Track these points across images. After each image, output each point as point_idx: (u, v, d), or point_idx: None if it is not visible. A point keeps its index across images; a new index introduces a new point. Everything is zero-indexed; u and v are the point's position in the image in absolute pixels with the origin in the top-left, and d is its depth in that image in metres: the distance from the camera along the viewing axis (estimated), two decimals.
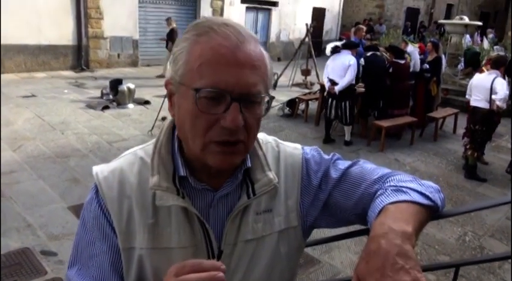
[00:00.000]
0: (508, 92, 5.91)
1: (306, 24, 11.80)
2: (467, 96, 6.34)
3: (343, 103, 6.84)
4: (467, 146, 6.18)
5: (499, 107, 5.78)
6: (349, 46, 6.83)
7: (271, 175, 0.91)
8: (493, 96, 5.77)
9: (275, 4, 16.83)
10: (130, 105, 8.50)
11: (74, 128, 6.91)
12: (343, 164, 0.99)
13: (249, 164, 0.91)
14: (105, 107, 8.22)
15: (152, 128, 6.84)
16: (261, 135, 0.97)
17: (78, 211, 4.20)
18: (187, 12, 14.36)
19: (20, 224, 3.95)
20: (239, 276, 0.90)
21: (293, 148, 1.01)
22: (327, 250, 3.94)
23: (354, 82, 6.82)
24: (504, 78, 6.41)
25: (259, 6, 16.32)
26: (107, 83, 9.19)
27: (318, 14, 18.56)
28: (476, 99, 5.99)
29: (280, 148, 1.00)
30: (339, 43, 6.86)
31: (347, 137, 7.13)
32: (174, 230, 0.86)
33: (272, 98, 0.83)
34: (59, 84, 10.06)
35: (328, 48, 6.80)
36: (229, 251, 0.89)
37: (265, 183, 0.90)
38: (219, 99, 0.76)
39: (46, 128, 6.78)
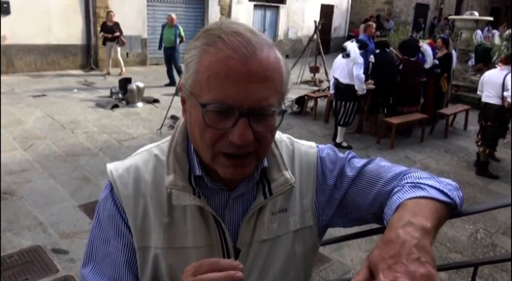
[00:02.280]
0: None
1: (315, 21, 11.76)
2: (478, 93, 6.27)
3: (343, 103, 6.66)
4: (479, 143, 6.12)
5: (510, 104, 5.71)
6: (362, 46, 6.69)
7: (288, 174, 0.90)
8: (505, 93, 5.69)
9: (283, 1, 16.77)
10: (140, 104, 8.53)
11: (83, 127, 6.95)
12: (358, 162, 0.97)
13: (265, 163, 0.89)
14: (115, 106, 8.26)
15: (161, 126, 6.86)
16: (276, 134, 0.95)
17: (89, 209, 4.23)
18: (196, 11, 14.36)
19: (31, 222, 3.98)
20: (254, 276, 0.89)
21: (308, 147, 1.00)
22: (337, 248, 3.93)
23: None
24: None
25: (267, 3, 16.27)
26: (116, 82, 9.23)
27: (326, 11, 18.46)
28: (488, 95, 5.92)
29: (295, 146, 0.99)
30: (350, 45, 6.64)
31: (338, 139, 6.79)
32: (190, 229, 0.86)
33: (284, 111, 0.79)
34: (69, 83, 10.13)
35: (352, 48, 6.49)
36: (245, 251, 0.88)
37: (282, 183, 0.88)
38: (228, 114, 0.74)
39: (56, 127, 6.83)
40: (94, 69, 11.82)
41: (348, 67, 6.45)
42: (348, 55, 6.47)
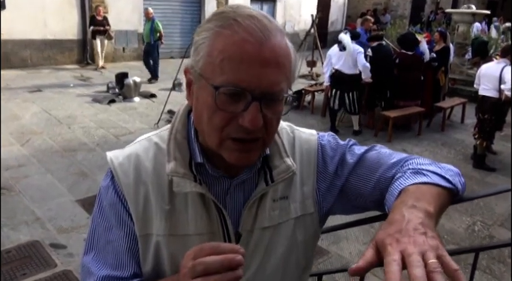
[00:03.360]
0: None
1: (312, 15, 11.71)
2: (475, 86, 6.27)
3: (350, 93, 6.83)
4: (476, 136, 6.13)
5: (508, 97, 5.71)
6: (354, 36, 6.83)
7: (289, 161, 0.89)
8: (502, 86, 5.70)
9: None
10: (136, 99, 8.50)
11: (80, 122, 6.93)
12: (359, 149, 0.97)
13: (267, 151, 0.89)
14: (111, 101, 8.23)
15: (158, 121, 6.85)
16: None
17: (87, 204, 4.23)
18: (192, 5, 14.30)
19: (28, 217, 3.97)
20: (256, 263, 0.89)
21: (309, 134, 1.00)
22: (335, 241, 3.94)
23: (358, 72, 6.78)
24: None
25: None
26: (112, 76, 9.20)
27: (323, 5, 18.40)
28: (485, 88, 5.93)
29: (296, 134, 0.98)
30: (344, 37, 6.72)
31: (355, 126, 7.12)
32: (191, 216, 0.85)
33: (293, 96, 0.80)
34: (65, 78, 10.08)
35: (346, 40, 6.65)
36: (246, 238, 0.88)
37: (284, 170, 0.88)
38: (239, 97, 0.73)
39: (53, 122, 6.80)
40: (90, 64, 11.76)
41: (352, 58, 6.61)
42: (344, 48, 6.59)
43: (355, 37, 6.81)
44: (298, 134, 0.98)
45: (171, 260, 0.86)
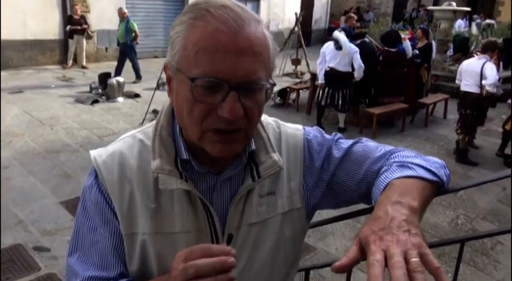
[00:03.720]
0: (497, 77, 5.94)
1: (295, 14, 11.75)
2: (457, 82, 6.36)
3: (340, 91, 6.89)
4: (458, 131, 6.23)
5: (489, 92, 5.81)
6: (349, 35, 6.89)
7: (276, 156, 0.89)
8: (483, 81, 5.79)
9: None
10: (120, 99, 8.42)
11: (63, 123, 6.83)
12: (345, 143, 0.97)
13: (253, 146, 0.88)
14: (95, 101, 8.14)
15: (143, 121, 6.79)
16: (262, 117, 0.94)
17: (70, 206, 4.17)
18: (175, 4, 14.21)
19: (11, 220, 3.90)
20: (244, 259, 0.89)
21: (295, 129, 0.99)
22: (321, 237, 3.96)
23: (351, 70, 6.84)
24: (498, 63, 6.48)
25: None
26: (95, 77, 9.09)
27: (307, 3, 18.46)
28: (467, 84, 6.01)
29: (282, 129, 0.98)
30: (340, 35, 6.76)
31: (341, 124, 7.17)
32: (177, 214, 0.84)
33: (273, 85, 0.79)
34: (47, 79, 9.93)
35: (343, 40, 6.69)
36: (234, 234, 0.87)
37: (270, 165, 0.88)
38: (217, 88, 0.72)
39: (35, 124, 6.69)
40: (73, 64, 11.60)
41: (349, 56, 6.68)
42: (340, 48, 6.64)
43: (348, 36, 6.85)
44: (284, 129, 0.98)
45: (157, 259, 0.85)
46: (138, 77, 10.19)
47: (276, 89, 8.82)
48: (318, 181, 0.95)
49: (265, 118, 0.97)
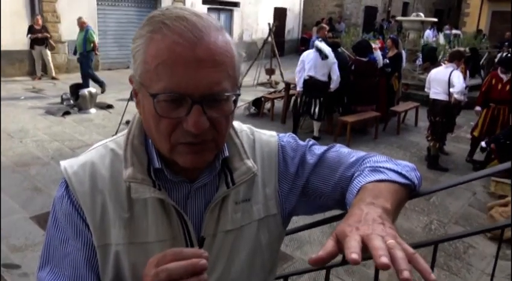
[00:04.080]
0: (464, 85, 6.14)
1: (269, 24, 11.87)
2: (426, 90, 6.54)
3: (317, 99, 6.99)
4: (429, 138, 6.39)
5: (457, 100, 5.99)
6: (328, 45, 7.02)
7: (250, 162, 0.89)
8: (451, 89, 5.97)
9: (237, 5, 16.83)
10: (93, 110, 8.27)
11: (33, 136, 6.65)
12: (319, 149, 0.98)
13: (226, 153, 0.88)
14: (66, 113, 7.97)
15: (116, 132, 6.68)
16: (236, 124, 0.95)
17: (42, 220, 4.05)
18: (148, 14, 14.06)
19: None
20: (220, 267, 0.88)
21: (269, 136, 1.00)
22: (298, 246, 3.97)
23: (328, 79, 6.96)
24: (465, 72, 6.70)
25: (220, 7, 16.29)
26: (66, 88, 8.92)
27: (280, 14, 18.70)
28: (436, 92, 6.19)
29: (256, 135, 0.98)
30: (323, 45, 6.88)
31: (315, 133, 7.23)
32: (151, 223, 0.83)
33: (238, 95, 0.78)
34: (15, 90, 9.68)
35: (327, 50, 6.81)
36: (209, 242, 0.86)
37: (244, 171, 0.87)
38: (180, 102, 0.71)
39: (3, 137, 6.47)
40: (43, 75, 11.35)
41: (328, 66, 6.79)
42: (326, 57, 6.74)
43: (328, 45, 6.99)
44: (259, 136, 0.98)
45: (132, 270, 0.83)
46: (101, 85, 9.80)
47: (250, 98, 8.86)
48: (292, 187, 0.95)
49: (239, 125, 0.97)
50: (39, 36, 10.46)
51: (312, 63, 6.88)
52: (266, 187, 0.94)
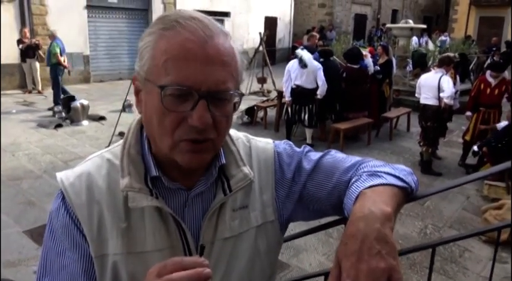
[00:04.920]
0: (454, 90, 6.21)
1: (260, 33, 11.95)
2: (416, 95, 6.60)
3: (307, 106, 7.03)
4: (421, 143, 6.43)
5: (447, 104, 6.05)
6: (311, 52, 7.04)
7: (247, 169, 0.89)
8: (441, 94, 6.03)
9: (227, 14, 16.94)
10: (85, 122, 8.24)
11: (25, 149, 6.61)
12: (315, 155, 0.99)
13: (223, 160, 0.88)
14: (58, 125, 7.94)
15: (109, 144, 6.65)
16: (232, 132, 0.95)
17: (35, 234, 4.01)
18: (140, 26, 14.18)
19: None
20: (219, 275, 0.87)
21: (265, 143, 1.00)
22: (295, 254, 3.96)
23: (316, 86, 6.98)
24: (455, 77, 6.78)
25: (211, 17, 16.33)
26: (60, 103, 8.88)
27: (270, 23, 18.84)
28: (426, 97, 6.25)
29: (252, 143, 0.99)
30: (304, 53, 6.93)
31: (308, 140, 7.26)
32: (149, 232, 0.83)
33: (242, 95, 0.81)
34: (7, 104, 9.60)
35: (308, 58, 6.85)
36: (208, 250, 0.86)
37: (241, 178, 0.88)
38: (186, 97, 0.73)
39: None
40: (34, 88, 11.30)
41: (313, 74, 6.84)
42: (305, 66, 6.80)
43: (311, 53, 7.04)
44: (255, 143, 0.99)
45: (130, 280, 0.83)
46: (55, 102, 9.24)
47: (243, 107, 8.87)
48: (289, 193, 0.96)
49: (234, 133, 0.97)
50: (32, 43, 10.36)
51: (297, 72, 6.96)
52: (263, 193, 0.94)
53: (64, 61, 9.50)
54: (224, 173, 0.88)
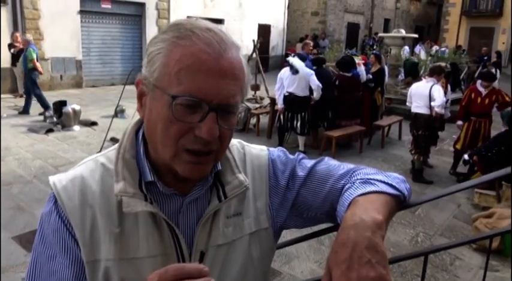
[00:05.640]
0: (445, 99, 6.27)
1: (253, 41, 11.99)
2: (408, 104, 6.65)
3: (299, 114, 7.06)
4: (413, 151, 6.47)
5: (438, 113, 6.11)
6: (302, 60, 7.07)
7: (242, 176, 0.89)
8: (432, 103, 6.09)
9: (221, 22, 16.98)
10: (76, 127, 8.19)
11: (15, 154, 6.54)
12: (309, 163, 0.99)
13: (219, 167, 0.88)
14: (49, 130, 7.87)
15: (101, 149, 6.61)
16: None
17: (24, 240, 3.96)
18: (133, 32, 14.19)
19: None
20: None
21: (259, 150, 1.01)
22: (286, 261, 3.94)
23: (309, 94, 7.02)
24: (446, 86, 6.85)
25: None
26: (50, 105, 8.82)
27: (264, 31, 18.93)
28: (417, 106, 6.30)
29: (246, 150, 0.99)
30: (294, 60, 6.98)
31: (301, 147, 7.27)
32: (142, 238, 0.82)
33: (249, 109, 0.82)
34: None
35: (299, 64, 6.88)
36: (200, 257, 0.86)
37: (237, 185, 0.88)
38: (196, 108, 0.73)
39: None
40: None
41: (305, 80, 6.87)
42: (296, 71, 6.82)
43: (303, 60, 7.07)
44: (249, 150, 0.99)
45: None
46: (25, 111, 9.29)
47: None
48: (283, 200, 0.95)
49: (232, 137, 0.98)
50: (18, 51, 10.29)
51: (289, 80, 6.99)
52: (257, 200, 0.94)
53: (38, 67, 9.37)
54: (219, 180, 0.88)
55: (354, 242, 0.68)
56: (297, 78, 6.90)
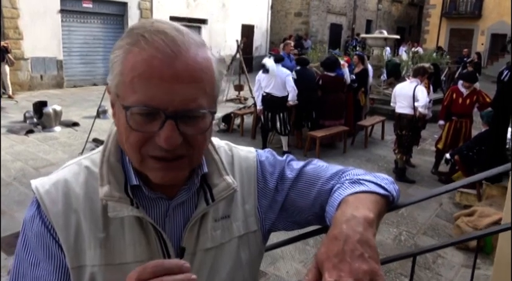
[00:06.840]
0: (428, 99, 6.35)
1: (237, 41, 11.97)
2: (392, 104, 6.72)
3: (280, 114, 7.06)
4: (396, 151, 6.55)
5: (421, 113, 6.19)
6: (278, 60, 7.08)
7: (230, 179, 0.87)
8: (416, 104, 6.17)
9: (204, 22, 16.94)
10: (57, 128, 8.05)
11: None
12: (297, 164, 0.98)
13: (205, 169, 0.86)
14: (29, 131, 7.73)
15: (83, 150, 6.52)
16: (214, 140, 0.94)
17: (4, 244, 3.85)
18: (115, 31, 14.02)
19: None
20: None
21: (247, 152, 0.99)
22: (272, 262, 3.94)
23: (287, 94, 7.02)
24: (429, 87, 6.95)
25: (188, 24, 16.30)
26: (29, 105, 8.66)
27: (247, 31, 18.94)
28: (401, 106, 6.37)
29: (234, 151, 0.97)
30: (267, 60, 7.00)
31: (284, 147, 7.28)
32: (129, 243, 0.80)
33: (214, 113, 0.77)
34: None
35: (270, 64, 6.89)
36: (189, 261, 0.83)
37: (224, 187, 0.86)
38: (153, 116, 0.71)
39: None
40: (4, 93, 10.99)
41: (281, 81, 6.88)
42: (267, 70, 6.84)
43: (278, 60, 7.08)
44: (237, 152, 0.98)
45: None
46: None
47: (220, 114, 8.85)
48: (272, 202, 0.94)
49: (217, 141, 0.96)
50: (1, 46, 10.02)
51: (266, 81, 7.02)
52: (245, 203, 0.93)
53: None
54: (206, 182, 0.87)
55: (347, 236, 0.68)
56: (273, 79, 6.92)
